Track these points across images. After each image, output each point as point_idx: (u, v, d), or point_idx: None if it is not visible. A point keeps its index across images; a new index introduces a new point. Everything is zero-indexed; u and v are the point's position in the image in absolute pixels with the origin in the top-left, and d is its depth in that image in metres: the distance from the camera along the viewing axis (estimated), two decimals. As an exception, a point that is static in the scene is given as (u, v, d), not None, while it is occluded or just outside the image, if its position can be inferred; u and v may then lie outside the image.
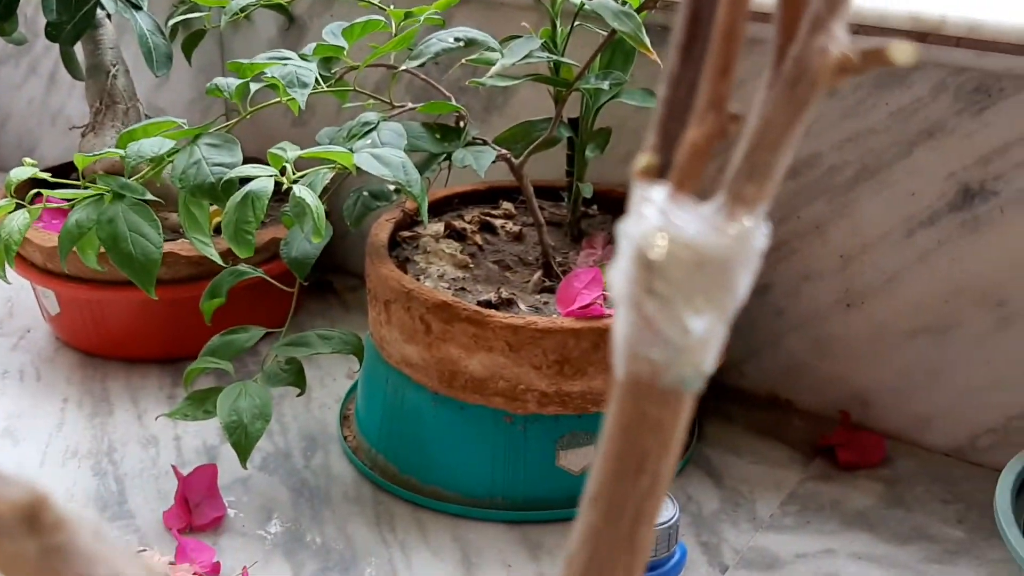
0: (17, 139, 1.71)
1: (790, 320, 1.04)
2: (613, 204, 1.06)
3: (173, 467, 0.92)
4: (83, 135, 1.14)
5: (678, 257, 0.26)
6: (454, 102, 0.94)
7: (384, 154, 0.84)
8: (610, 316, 0.86)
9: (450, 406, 0.89)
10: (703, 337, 0.26)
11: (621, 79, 0.92)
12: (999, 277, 0.92)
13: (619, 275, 0.27)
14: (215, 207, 0.87)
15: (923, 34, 0.88)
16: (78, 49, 1.16)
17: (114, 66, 1.13)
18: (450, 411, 0.89)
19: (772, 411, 1.06)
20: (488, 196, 1.08)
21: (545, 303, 0.91)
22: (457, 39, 0.91)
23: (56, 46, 1.13)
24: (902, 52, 0.26)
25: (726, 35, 0.27)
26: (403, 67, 0.91)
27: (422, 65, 0.90)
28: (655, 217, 0.27)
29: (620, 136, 1.02)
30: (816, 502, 0.93)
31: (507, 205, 1.07)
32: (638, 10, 0.85)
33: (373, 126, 0.89)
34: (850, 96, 0.95)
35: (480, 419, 0.88)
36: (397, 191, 0.90)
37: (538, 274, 0.95)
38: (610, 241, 1.01)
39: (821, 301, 1.02)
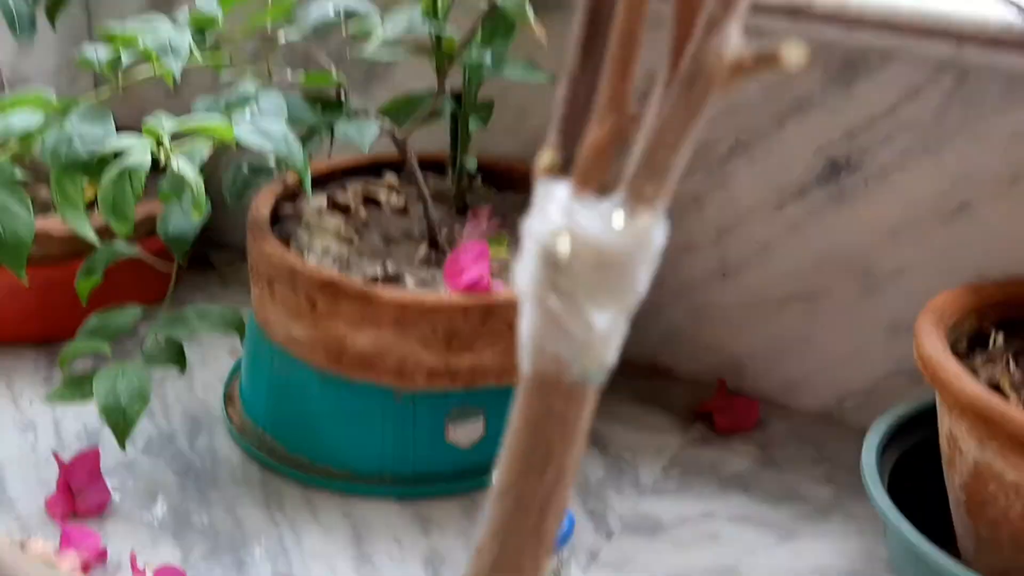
0: None
1: (669, 290, 1.06)
2: (497, 177, 1.07)
3: (54, 453, 0.89)
4: (-59, 107, 1.08)
5: (581, 255, 0.27)
6: (334, 70, 0.92)
7: (266, 127, 0.82)
8: (497, 291, 0.86)
9: (338, 384, 0.89)
10: (606, 332, 0.27)
11: (502, 53, 0.92)
12: (864, 247, 0.96)
13: (524, 273, 0.28)
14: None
15: (795, 10, 0.91)
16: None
17: (-27, 34, 1.08)
18: (338, 389, 0.89)
19: (653, 379, 1.09)
20: (372, 169, 1.07)
21: (432, 277, 0.92)
22: (337, 11, 0.90)
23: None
24: (795, 54, 0.28)
25: (625, 37, 0.28)
26: (282, 39, 0.89)
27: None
28: (558, 215, 0.27)
29: (503, 109, 1.02)
30: (696, 466, 0.96)
31: (391, 178, 1.06)
32: (522, -16, 0.85)
33: (252, 97, 0.87)
34: (725, 71, 0.97)
35: (368, 396, 0.88)
36: (279, 164, 0.88)
37: (423, 247, 0.95)
38: (495, 214, 1.01)
39: (698, 271, 1.05)
